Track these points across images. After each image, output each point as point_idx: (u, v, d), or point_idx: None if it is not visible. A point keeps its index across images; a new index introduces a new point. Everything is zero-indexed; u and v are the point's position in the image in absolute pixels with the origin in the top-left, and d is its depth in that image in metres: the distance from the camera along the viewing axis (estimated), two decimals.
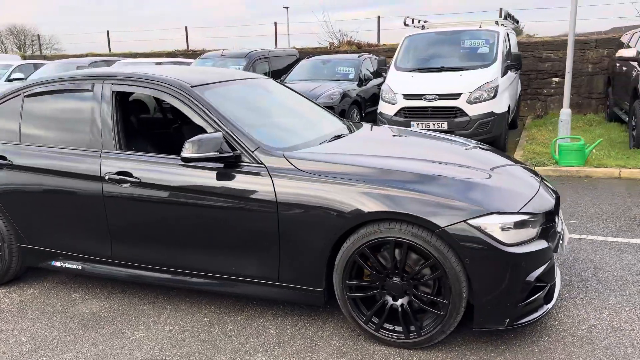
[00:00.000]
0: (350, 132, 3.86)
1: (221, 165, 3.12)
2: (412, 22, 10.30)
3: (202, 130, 3.21)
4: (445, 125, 8.00)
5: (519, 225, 2.72)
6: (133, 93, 3.88)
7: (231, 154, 3.06)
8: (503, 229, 2.68)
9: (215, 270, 3.24)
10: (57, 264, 3.70)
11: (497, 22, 9.47)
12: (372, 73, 10.94)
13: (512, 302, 2.74)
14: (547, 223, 2.89)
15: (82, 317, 3.42)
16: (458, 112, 7.96)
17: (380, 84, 9.46)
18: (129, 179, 3.29)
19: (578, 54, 12.60)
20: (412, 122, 8.25)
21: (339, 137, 3.61)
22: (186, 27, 19.09)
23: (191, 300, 3.59)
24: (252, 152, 3.10)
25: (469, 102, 7.96)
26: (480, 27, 9.26)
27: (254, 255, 3.11)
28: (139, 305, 3.56)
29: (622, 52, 8.60)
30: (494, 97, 8.06)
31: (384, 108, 8.58)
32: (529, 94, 12.76)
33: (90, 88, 3.56)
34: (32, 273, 4.12)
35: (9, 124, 3.78)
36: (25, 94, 3.76)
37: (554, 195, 3.21)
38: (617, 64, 10.06)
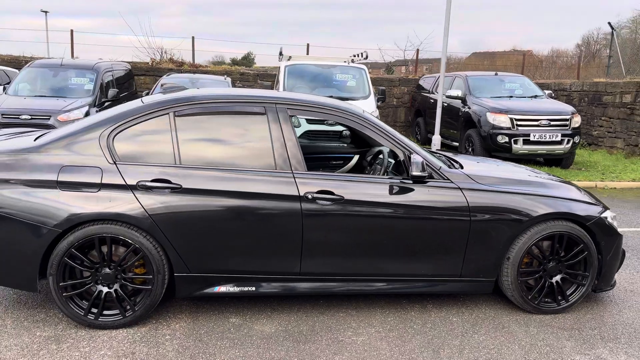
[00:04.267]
0: (443, 156, 4.69)
1: (409, 182, 3.69)
2: (281, 54, 11.17)
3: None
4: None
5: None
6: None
7: (426, 173, 3.65)
8: (613, 219, 4.01)
9: (410, 274, 3.74)
10: (222, 289, 3.56)
11: (352, 60, 11.11)
12: None
13: (615, 269, 4.08)
14: None
15: (281, 336, 3.45)
16: None
17: None
18: (331, 197, 3.53)
19: (386, 90, 15.31)
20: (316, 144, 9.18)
21: (453, 160, 4.42)
22: None
23: (354, 306, 3.92)
24: (438, 170, 3.76)
25: None
26: (348, 63, 10.77)
27: (445, 256, 3.74)
28: (314, 317, 3.72)
29: (450, 92, 11.14)
30: None
31: None
32: None
33: (262, 111, 3.62)
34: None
35: (161, 144, 3.48)
36: (176, 113, 3.53)
37: None
38: (431, 100, 12.83)
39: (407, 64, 26.58)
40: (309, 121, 9.30)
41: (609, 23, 18.11)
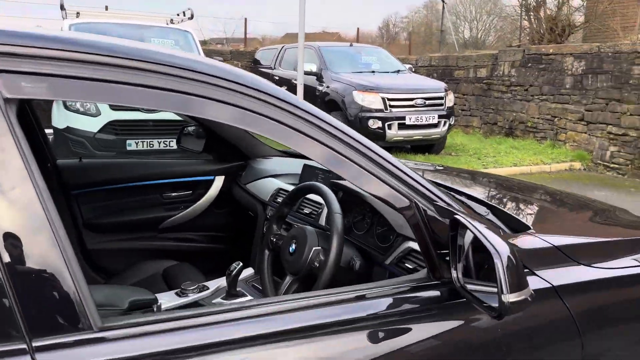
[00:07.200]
0: None
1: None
2: (63, 8, 7.65)
3: None
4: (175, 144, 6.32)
5: None
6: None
7: (529, 293, 1.19)
8: None
9: None
10: None
11: (172, 21, 8.14)
12: None
13: None
14: None
15: None
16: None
17: None
18: None
19: None
20: (128, 141, 6.13)
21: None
22: None
23: None
24: None
25: None
26: (168, 23, 7.79)
27: None
28: None
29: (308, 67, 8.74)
30: None
31: (77, 122, 6.06)
32: None
33: None
34: None
35: None
36: None
37: None
38: (276, 77, 10.42)
39: (225, 41, 23.97)
40: (113, 107, 6.15)
41: None
